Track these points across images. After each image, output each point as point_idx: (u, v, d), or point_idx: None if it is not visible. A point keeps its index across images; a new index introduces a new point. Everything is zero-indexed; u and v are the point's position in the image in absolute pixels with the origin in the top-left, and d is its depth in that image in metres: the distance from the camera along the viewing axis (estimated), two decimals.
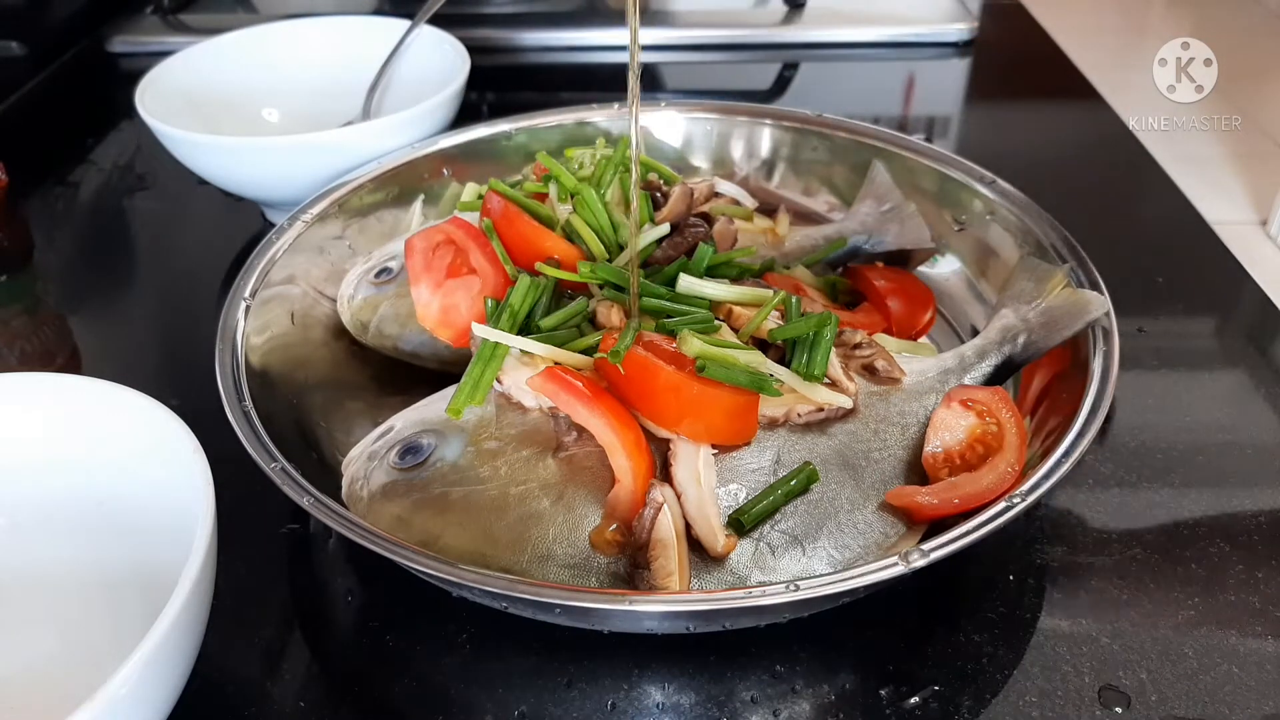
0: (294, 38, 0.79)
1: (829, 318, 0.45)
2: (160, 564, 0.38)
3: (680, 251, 0.52)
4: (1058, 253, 0.52)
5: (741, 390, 0.42)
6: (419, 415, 0.46)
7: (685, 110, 0.68)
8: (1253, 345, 0.61)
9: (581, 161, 0.59)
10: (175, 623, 0.32)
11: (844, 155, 0.64)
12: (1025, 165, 0.68)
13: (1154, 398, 0.56)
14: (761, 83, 0.96)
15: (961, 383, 0.48)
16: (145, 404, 0.41)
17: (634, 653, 0.42)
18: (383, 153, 0.63)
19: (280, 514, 0.48)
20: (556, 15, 1.02)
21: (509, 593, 0.36)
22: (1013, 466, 0.42)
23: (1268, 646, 0.42)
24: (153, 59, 0.72)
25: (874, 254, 0.60)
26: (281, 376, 0.50)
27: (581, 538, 0.41)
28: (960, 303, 0.59)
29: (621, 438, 0.41)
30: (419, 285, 0.52)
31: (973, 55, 0.99)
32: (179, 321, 0.66)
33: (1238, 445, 0.53)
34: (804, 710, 0.40)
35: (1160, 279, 0.65)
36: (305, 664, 0.43)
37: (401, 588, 0.44)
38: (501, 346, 0.45)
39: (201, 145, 0.64)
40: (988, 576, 0.45)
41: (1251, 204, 0.79)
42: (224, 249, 0.69)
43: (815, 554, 0.41)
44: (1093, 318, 0.47)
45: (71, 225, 0.76)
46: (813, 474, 0.42)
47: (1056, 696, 0.40)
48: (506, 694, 0.41)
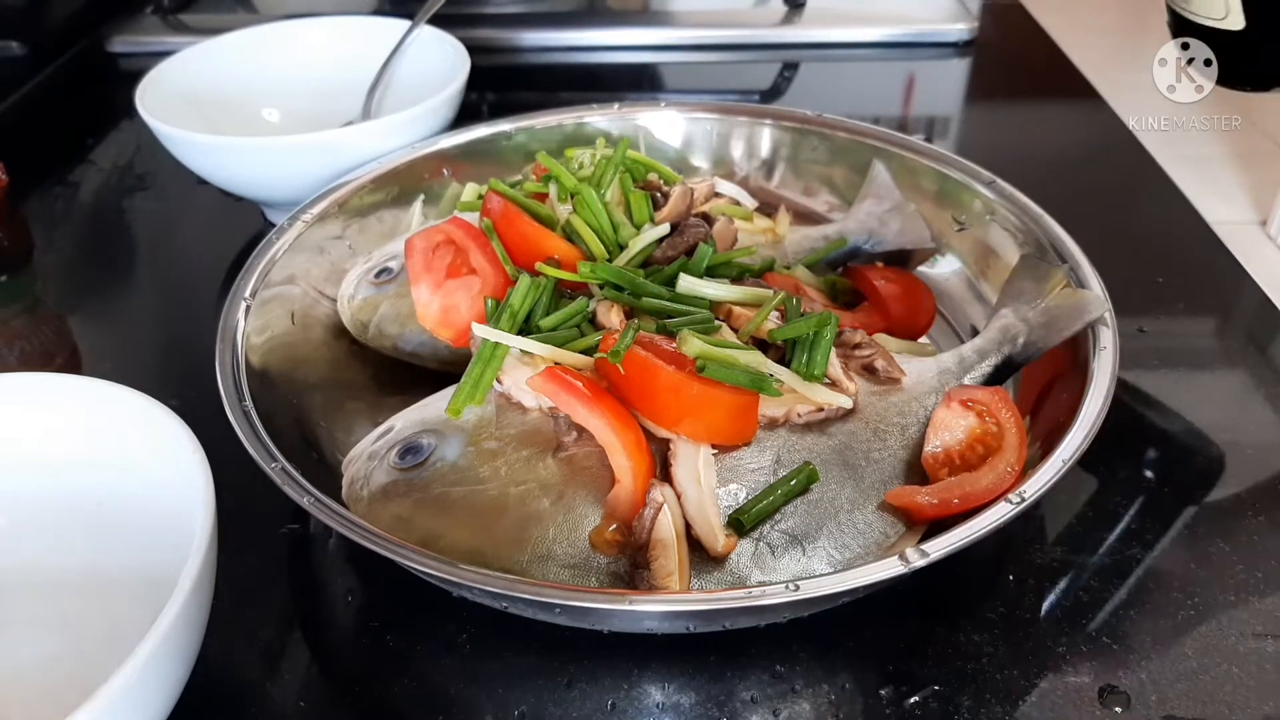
0: (294, 38, 0.79)
1: (829, 318, 0.45)
2: (160, 564, 0.38)
3: (680, 251, 0.52)
4: (1058, 253, 0.52)
5: (741, 390, 0.42)
6: (419, 415, 0.46)
7: (685, 110, 0.68)
8: (1253, 345, 0.61)
9: (581, 161, 0.59)
10: (175, 623, 0.32)
11: (844, 155, 0.64)
12: (1025, 165, 0.68)
13: (1154, 398, 0.56)
14: (761, 83, 0.95)
15: (961, 383, 0.48)
16: (145, 404, 0.41)
17: (634, 653, 0.42)
18: (383, 153, 0.63)
19: (280, 514, 0.48)
20: (556, 15, 1.02)
21: (509, 593, 0.36)
22: (1012, 466, 0.42)
23: (1268, 646, 0.42)
24: (153, 59, 0.72)
25: (874, 254, 0.60)
26: (281, 376, 0.50)
27: (581, 538, 0.41)
28: (960, 303, 0.59)
29: (621, 438, 0.41)
30: (419, 285, 0.52)
31: (973, 55, 0.99)
32: (179, 321, 0.66)
33: (1238, 445, 0.53)
34: (804, 710, 0.40)
35: (1160, 279, 0.65)
36: (305, 664, 0.43)
37: (401, 588, 0.44)
38: (501, 346, 0.45)
39: (201, 145, 0.64)
40: (988, 576, 0.45)
41: (1251, 204, 0.79)
42: (224, 249, 0.69)
43: (815, 554, 0.41)
44: (1093, 318, 0.47)
45: (71, 225, 0.76)
46: (813, 474, 0.42)
47: (1056, 696, 0.40)
48: (506, 694, 0.41)
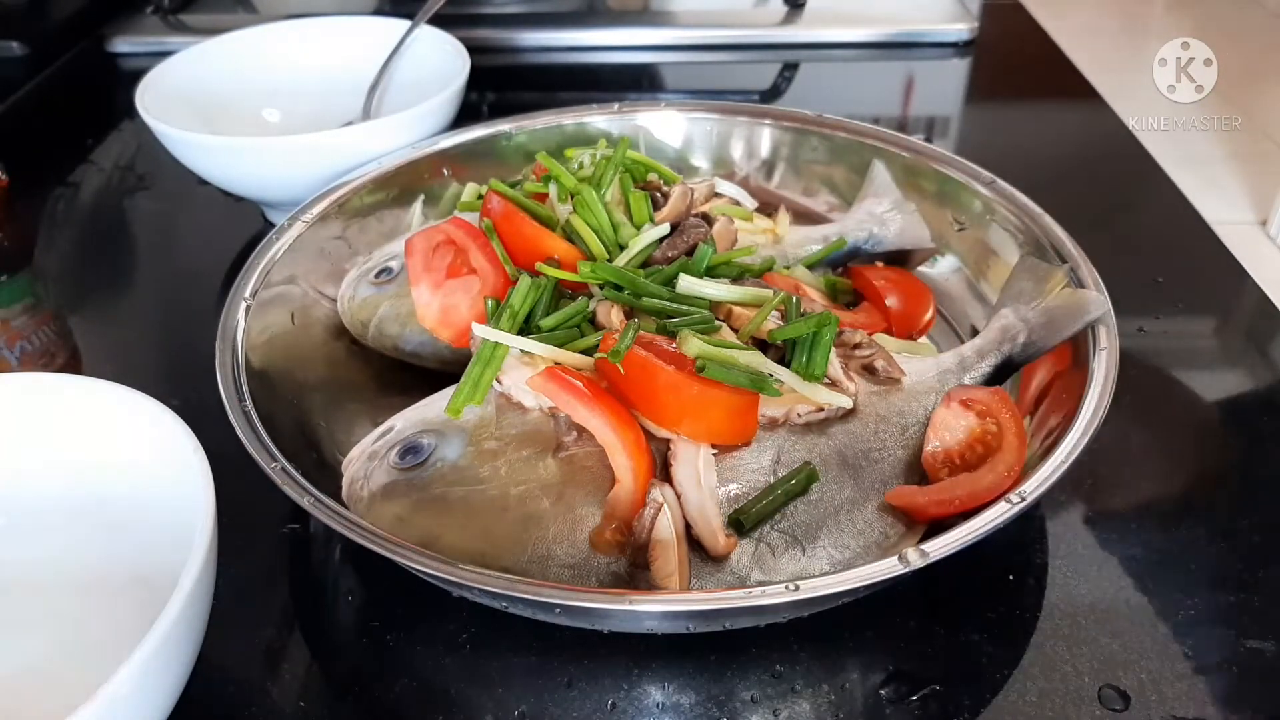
0: (294, 38, 0.78)
1: (829, 318, 0.45)
2: (160, 564, 0.38)
3: (680, 252, 0.52)
4: (1058, 253, 0.52)
5: (741, 390, 0.42)
6: (419, 415, 0.46)
7: (685, 110, 0.68)
8: (1253, 345, 0.61)
9: (581, 162, 0.59)
10: (175, 623, 0.32)
11: (844, 155, 0.64)
12: (1025, 165, 0.68)
13: (1154, 398, 0.56)
14: (761, 83, 0.95)
15: (961, 383, 0.48)
16: (145, 404, 0.41)
17: (634, 653, 0.42)
18: (383, 153, 0.63)
19: (280, 514, 0.48)
20: (556, 15, 1.02)
21: (509, 593, 0.36)
22: (1012, 467, 0.41)
23: (1268, 646, 0.42)
24: (153, 59, 0.72)
25: (874, 254, 0.60)
26: (281, 376, 0.50)
27: (581, 538, 0.41)
28: (960, 303, 0.59)
29: (621, 438, 0.41)
30: (419, 285, 0.52)
31: (973, 55, 0.98)
32: (179, 321, 0.66)
33: (1237, 445, 0.53)
34: (804, 710, 0.40)
35: (1160, 279, 0.65)
36: (305, 664, 0.43)
37: (401, 588, 0.44)
38: (501, 346, 0.45)
39: (202, 145, 0.64)
40: (988, 576, 0.45)
41: (1251, 204, 0.79)
42: (224, 249, 0.69)
43: (815, 554, 0.41)
44: (1093, 318, 0.47)
45: (71, 225, 0.76)
46: (813, 474, 0.42)
47: (1056, 696, 0.40)
48: (506, 694, 0.41)
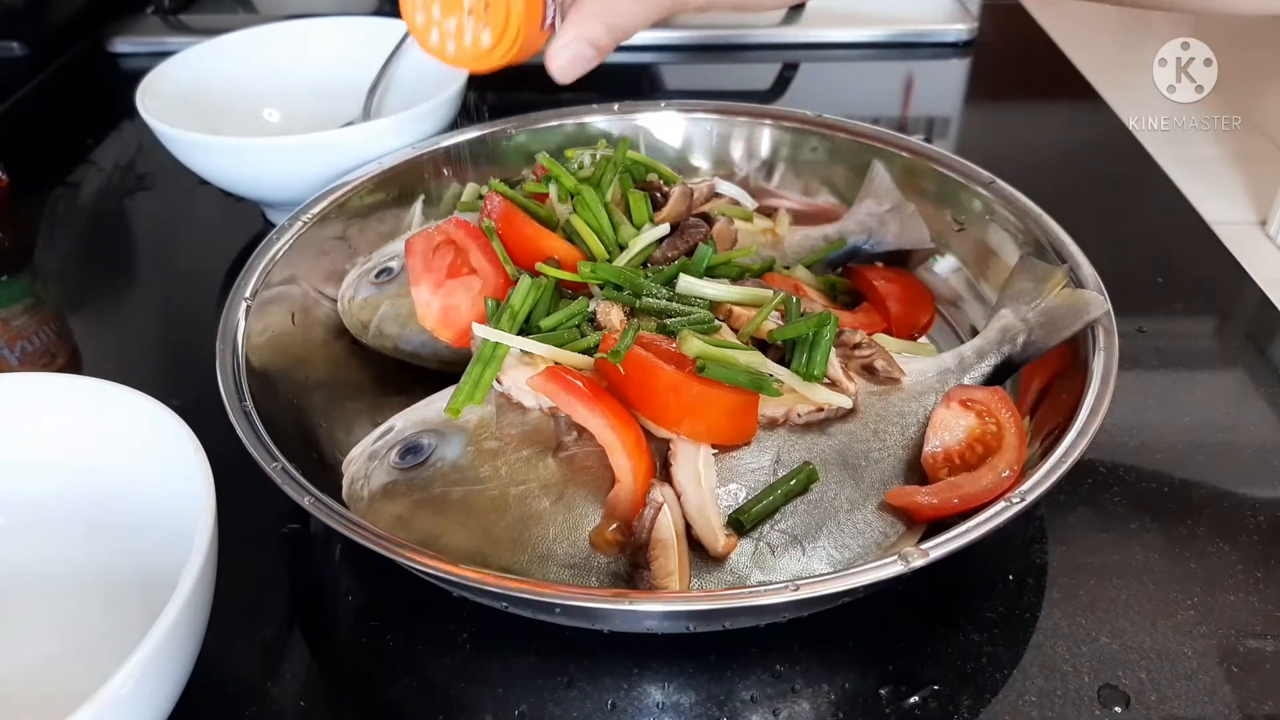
0: (294, 38, 0.78)
1: (829, 318, 0.45)
2: (160, 564, 0.38)
3: (680, 252, 0.52)
4: (1058, 253, 0.52)
5: (741, 390, 0.42)
6: (419, 415, 0.46)
7: (685, 110, 0.67)
8: (1253, 345, 0.61)
9: (581, 162, 0.59)
10: (175, 623, 0.32)
11: (844, 155, 0.64)
12: (1025, 165, 0.68)
13: (1154, 398, 0.56)
14: (761, 83, 0.95)
15: (961, 383, 0.48)
16: (145, 404, 0.41)
17: (634, 653, 0.42)
18: (383, 153, 0.63)
19: (280, 514, 0.48)
20: None
21: (509, 593, 0.36)
22: (1012, 466, 0.42)
23: (1268, 646, 0.42)
24: (153, 59, 0.72)
25: (874, 254, 0.60)
26: (282, 376, 0.50)
27: (581, 538, 0.41)
28: (960, 303, 0.59)
29: (621, 438, 0.41)
30: (419, 285, 0.52)
31: (972, 55, 0.99)
32: (179, 321, 0.66)
33: (1238, 445, 0.53)
34: (804, 710, 0.40)
35: (1160, 279, 0.65)
36: (305, 664, 0.43)
37: (401, 588, 0.44)
38: (501, 346, 0.45)
39: (202, 145, 0.64)
40: (988, 576, 0.45)
41: (1251, 204, 0.79)
42: (224, 249, 0.69)
43: (815, 554, 0.41)
44: (1092, 318, 0.47)
45: (71, 225, 0.76)
46: (812, 474, 0.42)
47: (1056, 696, 0.40)
48: (506, 694, 0.41)
